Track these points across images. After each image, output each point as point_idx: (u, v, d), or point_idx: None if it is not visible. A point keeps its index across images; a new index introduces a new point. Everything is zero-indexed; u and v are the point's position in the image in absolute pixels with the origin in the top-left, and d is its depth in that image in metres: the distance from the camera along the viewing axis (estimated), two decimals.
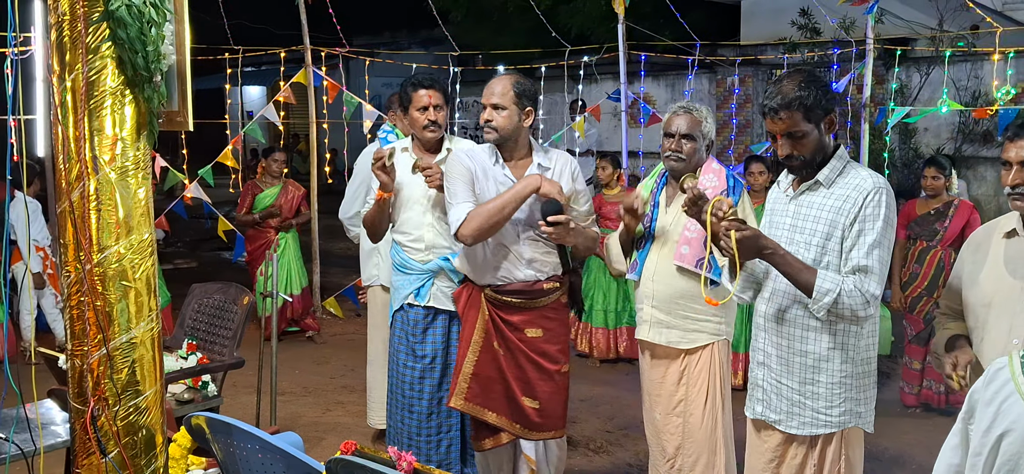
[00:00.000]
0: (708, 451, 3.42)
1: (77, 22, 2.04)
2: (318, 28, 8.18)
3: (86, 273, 2.09)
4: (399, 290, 3.84)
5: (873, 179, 2.65)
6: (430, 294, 3.76)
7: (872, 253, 2.59)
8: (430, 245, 3.77)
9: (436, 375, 3.77)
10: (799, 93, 2.62)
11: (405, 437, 3.83)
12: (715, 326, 3.43)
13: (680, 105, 3.48)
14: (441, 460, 3.80)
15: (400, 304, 3.81)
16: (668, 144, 3.43)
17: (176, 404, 4.06)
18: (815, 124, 2.65)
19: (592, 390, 6.01)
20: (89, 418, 2.13)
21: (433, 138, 3.81)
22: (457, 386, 3.48)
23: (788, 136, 2.66)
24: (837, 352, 2.69)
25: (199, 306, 4.61)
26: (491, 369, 3.45)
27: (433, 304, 3.76)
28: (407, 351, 3.80)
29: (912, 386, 5.63)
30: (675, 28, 9.21)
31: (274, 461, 2.32)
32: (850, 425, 2.74)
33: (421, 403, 3.78)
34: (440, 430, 3.80)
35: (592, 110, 7.98)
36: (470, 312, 3.49)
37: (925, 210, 5.62)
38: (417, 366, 3.77)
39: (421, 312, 3.76)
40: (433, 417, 3.79)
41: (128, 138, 2.13)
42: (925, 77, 10.45)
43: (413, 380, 3.78)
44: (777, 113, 2.65)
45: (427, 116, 3.77)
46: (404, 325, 3.80)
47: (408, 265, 3.80)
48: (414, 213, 3.79)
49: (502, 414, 3.47)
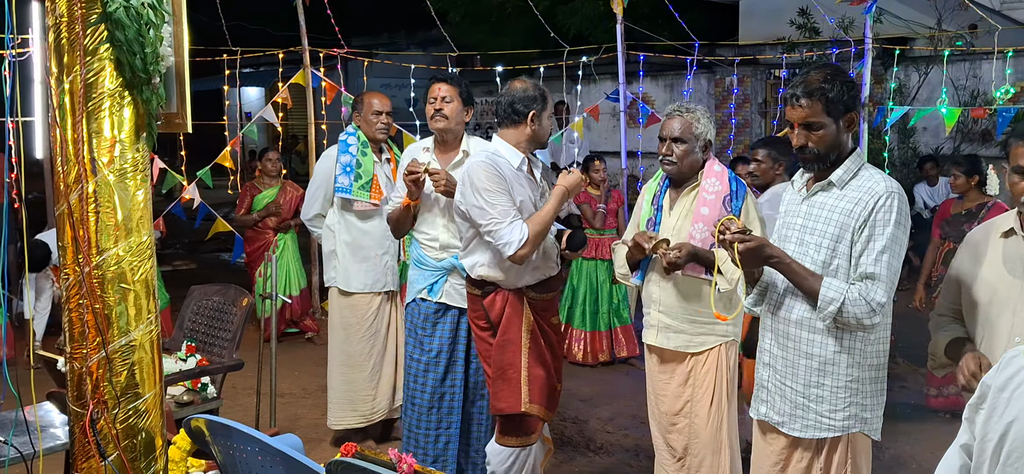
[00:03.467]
0: (713, 452, 3.41)
1: (75, 24, 2.04)
2: (316, 29, 8.17)
3: (85, 276, 2.09)
4: (414, 284, 3.94)
5: (886, 183, 2.61)
6: (443, 291, 3.86)
7: (881, 259, 2.55)
8: (445, 245, 3.87)
9: (440, 370, 3.85)
10: (823, 84, 2.61)
11: (406, 428, 3.93)
12: (723, 328, 3.41)
13: (674, 107, 3.47)
14: (438, 455, 3.86)
15: (413, 297, 3.91)
16: (661, 148, 3.43)
17: (175, 406, 4.05)
18: (834, 119, 2.63)
19: (592, 390, 6.01)
20: (88, 421, 2.12)
21: (441, 129, 3.89)
22: (522, 392, 3.47)
23: (805, 126, 2.64)
24: (844, 356, 2.66)
25: (198, 308, 4.60)
26: (539, 367, 3.51)
27: (445, 300, 3.86)
28: (414, 343, 3.90)
29: (932, 389, 5.55)
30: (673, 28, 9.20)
31: (274, 463, 2.31)
32: (855, 430, 2.69)
33: (423, 396, 3.85)
34: (439, 425, 3.87)
35: (590, 111, 7.98)
36: (513, 318, 3.48)
37: (958, 210, 5.56)
38: (423, 359, 3.86)
39: (432, 307, 3.86)
40: (433, 411, 3.86)
41: (127, 140, 2.12)
42: (924, 76, 10.45)
43: (417, 372, 3.87)
44: (798, 100, 2.63)
45: (433, 106, 3.87)
46: (415, 318, 3.91)
47: (424, 261, 3.91)
48: (431, 213, 3.90)
49: (546, 405, 3.53)
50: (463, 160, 3.89)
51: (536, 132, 3.48)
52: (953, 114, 6.52)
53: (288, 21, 8.18)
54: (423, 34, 16.73)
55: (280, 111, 7.74)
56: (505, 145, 3.47)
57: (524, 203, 3.41)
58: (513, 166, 3.43)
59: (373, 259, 4.71)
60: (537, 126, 3.47)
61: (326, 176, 4.84)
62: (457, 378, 3.86)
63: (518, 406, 3.45)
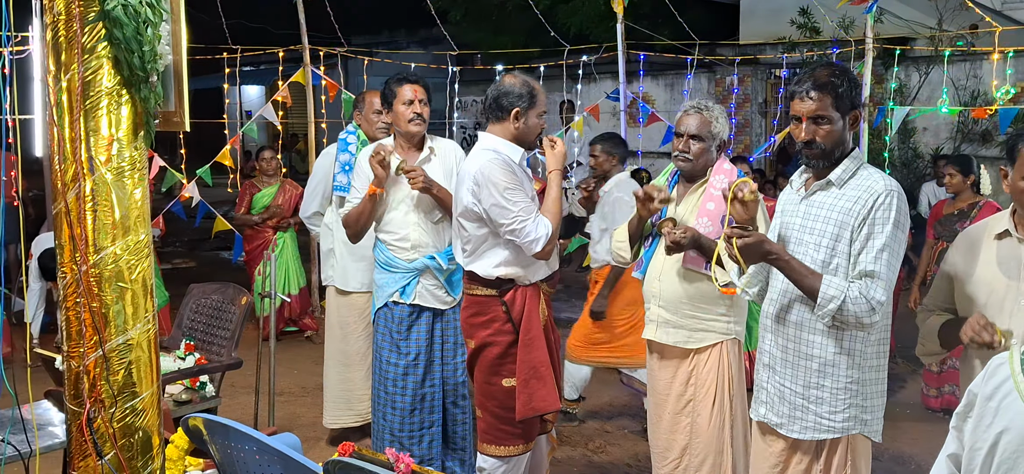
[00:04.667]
0: (715, 452, 3.39)
1: (72, 22, 2.03)
2: (316, 27, 8.16)
3: (82, 274, 2.08)
4: (383, 288, 3.86)
5: (885, 182, 2.61)
6: (416, 292, 3.80)
7: (880, 257, 2.54)
8: (416, 244, 3.81)
9: (419, 372, 3.81)
10: (833, 78, 2.62)
11: (387, 433, 3.87)
12: (724, 325, 3.39)
13: (692, 104, 3.42)
14: (423, 455, 3.84)
15: (384, 301, 3.84)
16: (677, 143, 3.40)
17: (174, 405, 4.05)
18: (841, 114, 2.63)
19: (592, 389, 5.99)
20: (85, 420, 2.11)
21: (417, 132, 3.85)
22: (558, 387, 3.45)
23: (813, 120, 2.63)
24: (843, 357, 2.64)
25: (197, 306, 4.60)
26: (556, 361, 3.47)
27: (419, 302, 3.80)
28: (390, 347, 3.83)
29: (931, 388, 5.57)
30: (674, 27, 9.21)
31: (271, 462, 2.31)
32: (854, 432, 2.68)
33: (404, 398, 3.82)
34: (422, 426, 3.84)
35: (590, 110, 7.98)
36: (534, 314, 3.36)
37: (951, 210, 5.57)
38: (400, 363, 3.81)
39: (406, 310, 3.80)
40: (416, 413, 3.83)
41: (124, 138, 2.11)
42: (924, 76, 10.45)
43: (396, 376, 3.82)
44: (808, 93, 2.63)
45: (413, 109, 3.81)
46: (388, 322, 3.84)
47: (393, 264, 3.83)
48: (399, 213, 3.83)
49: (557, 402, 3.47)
50: (429, 157, 3.87)
51: (520, 131, 3.33)
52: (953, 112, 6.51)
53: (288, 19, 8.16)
54: (424, 33, 16.71)
55: (280, 110, 7.74)
56: (502, 141, 3.33)
57: (536, 198, 3.38)
58: (515, 161, 3.34)
59: (370, 258, 4.71)
60: (522, 124, 3.31)
61: (325, 174, 4.85)
62: (436, 378, 3.84)
63: (556, 402, 3.38)
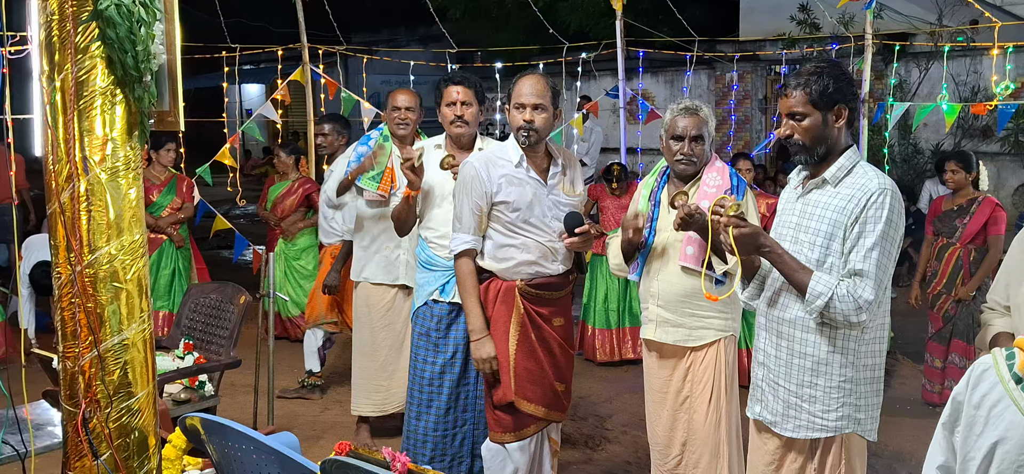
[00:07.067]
0: (711, 448, 3.39)
1: (66, 22, 2.03)
2: (316, 26, 8.17)
3: (77, 274, 2.08)
4: (423, 287, 3.82)
5: (879, 180, 2.59)
6: (455, 290, 3.72)
7: (870, 256, 2.53)
8: None
9: (457, 369, 3.77)
10: (810, 76, 2.63)
11: (421, 433, 3.81)
12: (722, 322, 3.39)
13: (682, 105, 3.41)
14: (455, 454, 3.82)
15: (424, 300, 3.79)
16: (678, 147, 3.37)
17: (173, 404, 4.05)
18: (820, 110, 2.62)
19: (591, 388, 6.00)
20: (81, 420, 2.11)
21: (460, 134, 3.84)
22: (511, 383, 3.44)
23: (790, 115, 2.65)
24: (837, 356, 2.63)
25: (196, 305, 4.59)
26: (531, 361, 3.45)
27: (458, 300, 3.72)
28: (427, 346, 3.78)
29: (934, 384, 5.57)
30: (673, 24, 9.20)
31: (269, 462, 2.31)
32: (848, 431, 2.67)
33: (440, 399, 3.77)
34: (456, 424, 3.81)
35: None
36: (501, 308, 3.43)
37: (950, 206, 5.56)
38: (438, 361, 3.76)
39: (446, 308, 3.75)
40: (451, 412, 3.79)
41: (118, 138, 2.11)
42: (924, 72, 10.44)
43: (433, 376, 3.77)
44: (786, 90, 2.67)
45: (454, 111, 3.80)
46: (427, 321, 3.78)
47: (433, 262, 3.80)
48: (442, 209, 3.80)
49: (540, 403, 3.47)
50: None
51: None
52: (953, 110, 6.50)
53: (288, 18, 8.17)
54: (423, 30, 16.71)
55: (280, 108, 7.74)
56: (510, 142, 3.41)
57: (517, 201, 3.35)
58: (512, 163, 3.36)
59: (384, 251, 4.69)
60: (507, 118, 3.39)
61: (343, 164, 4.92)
62: (470, 377, 3.80)
63: (509, 395, 3.42)
